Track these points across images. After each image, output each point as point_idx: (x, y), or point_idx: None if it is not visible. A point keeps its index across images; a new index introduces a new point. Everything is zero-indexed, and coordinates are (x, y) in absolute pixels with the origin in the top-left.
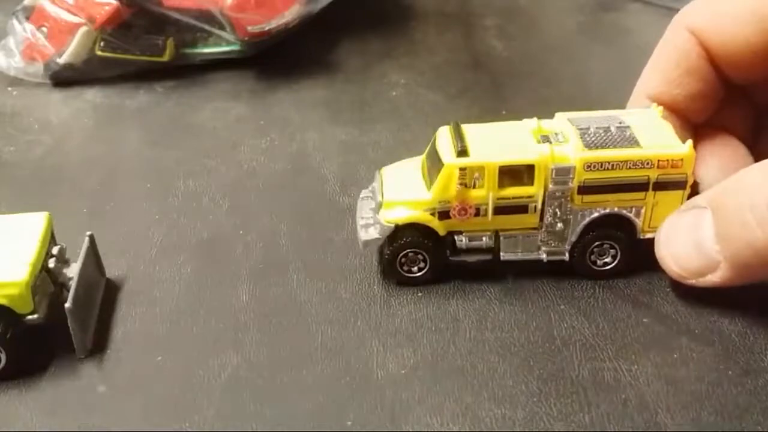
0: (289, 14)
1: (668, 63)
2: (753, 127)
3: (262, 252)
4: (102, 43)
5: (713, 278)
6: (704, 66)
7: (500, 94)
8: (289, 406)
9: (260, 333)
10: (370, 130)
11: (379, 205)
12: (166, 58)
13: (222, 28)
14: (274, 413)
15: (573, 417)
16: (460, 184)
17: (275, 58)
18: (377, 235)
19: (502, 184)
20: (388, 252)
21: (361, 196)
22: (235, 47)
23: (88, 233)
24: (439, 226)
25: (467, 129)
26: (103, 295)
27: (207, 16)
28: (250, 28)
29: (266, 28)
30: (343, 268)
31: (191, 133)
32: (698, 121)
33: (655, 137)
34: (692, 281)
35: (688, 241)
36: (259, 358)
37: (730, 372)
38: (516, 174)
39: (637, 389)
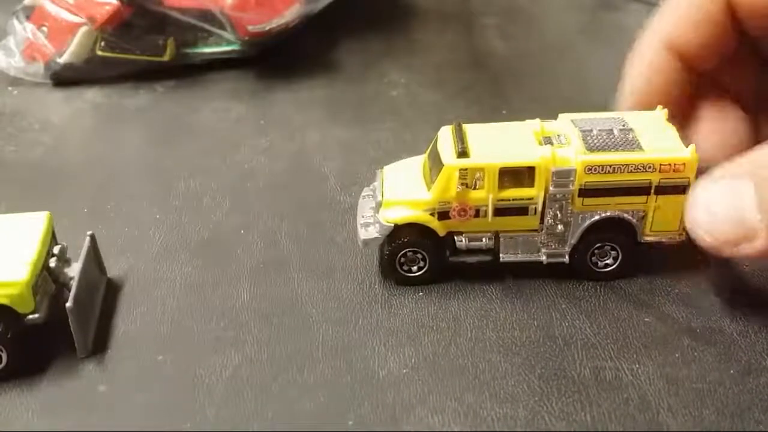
0: (289, 14)
1: (689, 7)
2: (756, 90)
3: (263, 251)
4: (102, 43)
5: (748, 248)
6: (722, 14)
7: (500, 94)
8: (289, 405)
9: (261, 332)
10: (370, 130)
11: (379, 205)
12: (166, 58)
13: (222, 27)
14: (274, 413)
15: (575, 416)
16: (461, 185)
17: (275, 58)
18: (377, 234)
19: (502, 186)
20: (387, 251)
21: (362, 194)
22: (236, 47)
23: (89, 233)
24: (439, 227)
25: (469, 129)
26: (104, 294)
27: (207, 16)
28: (250, 28)
29: (266, 28)
30: (344, 267)
31: (191, 133)
32: (703, 70)
33: (658, 141)
34: (726, 251)
35: (725, 209)
36: (260, 357)
37: (731, 371)
38: (516, 176)
39: (639, 388)
